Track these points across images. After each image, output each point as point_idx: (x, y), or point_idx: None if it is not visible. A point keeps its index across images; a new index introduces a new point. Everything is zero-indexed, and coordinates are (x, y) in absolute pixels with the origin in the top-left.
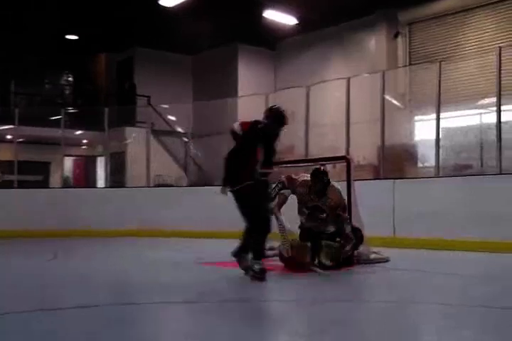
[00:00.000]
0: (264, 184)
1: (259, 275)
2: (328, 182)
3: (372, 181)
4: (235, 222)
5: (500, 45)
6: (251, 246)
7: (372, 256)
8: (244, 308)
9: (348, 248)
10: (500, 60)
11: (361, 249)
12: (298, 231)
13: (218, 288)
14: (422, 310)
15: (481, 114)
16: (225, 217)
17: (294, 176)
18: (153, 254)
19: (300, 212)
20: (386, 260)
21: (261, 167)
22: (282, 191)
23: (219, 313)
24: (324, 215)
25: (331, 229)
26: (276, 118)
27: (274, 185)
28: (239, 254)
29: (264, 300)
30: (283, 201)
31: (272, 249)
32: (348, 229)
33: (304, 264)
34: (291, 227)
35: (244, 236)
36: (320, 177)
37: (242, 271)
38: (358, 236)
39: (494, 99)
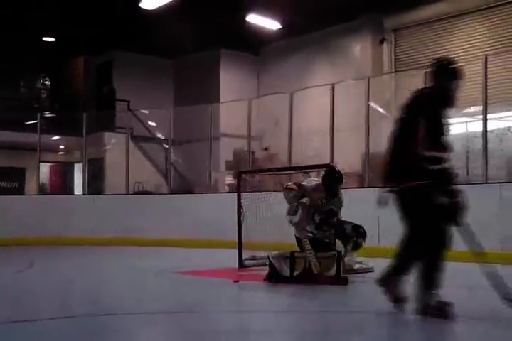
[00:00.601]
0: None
1: (440, 312)
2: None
3: (357, 190)
4: (216, 230)
5: (487, 52)
6: (422, 272)
7: (357, 266)
8: (220, 319)
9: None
10: (486, 68)
11: (346, 259)
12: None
13: (195, 298)
14: (404, 320)
15: (467, 122)
16: (205, 225)
17: (302, 182)
18: (131, 263)
19: (307, 221)
20: (371, 270)
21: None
22: (302, 200)
23: (195, 324)
24: (335, 220)
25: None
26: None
27: (289, 195)
28: (390, 278)
29: (247, 311)
30: (308, 211)
31: (254, 258)
32: (348, 228)
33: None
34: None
35: (400, 254)
36: (338, 178)
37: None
38: (361, 232)
39: (480, 108)
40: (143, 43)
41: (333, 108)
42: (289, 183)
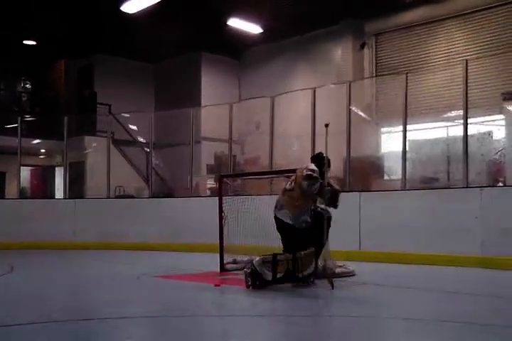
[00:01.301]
0: None
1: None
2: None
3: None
4: (197, 234)
5: (468, 57)
6: None
7: (338, 269)
8: (200, 323)
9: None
10: (467, 72)
11: (327, 262)
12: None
13: (175, 302)
14: (385, 325)
15: (447, 126)
16: (186, 229)
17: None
18: (112, 267)
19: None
20: (352, 274)
21: None
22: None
23: (176, 328)
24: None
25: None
26: None
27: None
28: None
29: (227, 315)
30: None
31: (235, 262)
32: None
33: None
34: None
35: None
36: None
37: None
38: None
39: (461, 112)
40: (124, 47)
41: (314, 112)
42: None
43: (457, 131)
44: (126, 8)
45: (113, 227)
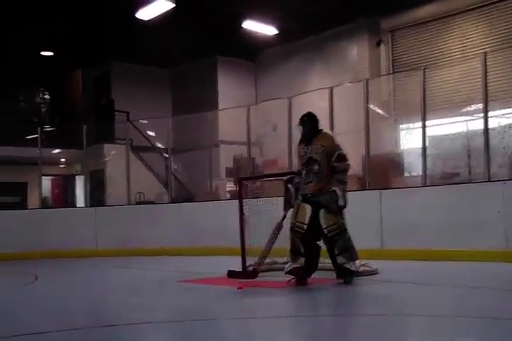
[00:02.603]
0: None
1: None
2: (316, 127)
3: (358, 192)
4: (218, 237)
5: (485, 50)
6: None
7: (361, 268)
8: (224, 326)
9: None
10: (485, 65)
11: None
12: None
13: (198, 306)
14: (412, 322)
15: (467, 121)
16: (207, 233)
17: None
18: (134, 273)
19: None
20: (375, 272)
21: None
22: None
23: (200, 332)
24: (316, 167)
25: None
26: None
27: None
28: None
29: (250, 317)
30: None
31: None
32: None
33: None
34: None
35: None
36: (304, 119)
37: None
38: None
39: (480, 106)
40: (140, 54)
41: (331, 111)
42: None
43: (477, 124)
44: (141, 14)
45: (134, 233)
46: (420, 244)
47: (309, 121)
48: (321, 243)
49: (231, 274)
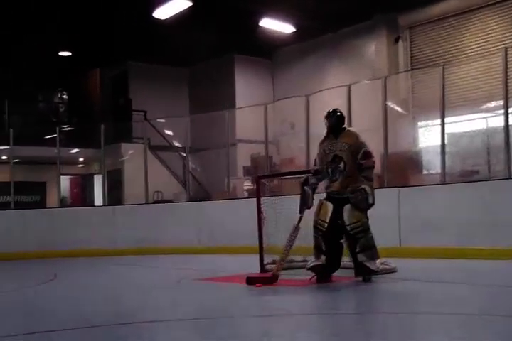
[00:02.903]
0: None
1: None
2: (342, 123)
3: (376, 190)
4: (235, 236)
5: (505, 45)
6: None
7: (380, 266)
8: (244, 324)
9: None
10: (506, 61)
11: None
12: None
13: (217, 304)
14: (433, 320)
15: (486, 117)
16: (225, 231)
17: None
18: (151, 272)
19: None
20: (394, 270)
21: None
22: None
23: (220, 330)
24: (342, 165)
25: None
26: None
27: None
28: None
29: (269, 315)
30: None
31: (275, 263)
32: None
33: None
34: None
35: None
36: (330, 115)
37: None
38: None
39: (501, 102)
40: (156, 53)
41: (349, 109)
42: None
43: (497, 121)
44: (159, 14)
45: (152, 232)
46: (439, 242)
47: (336, 117)
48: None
49: (250, 281)
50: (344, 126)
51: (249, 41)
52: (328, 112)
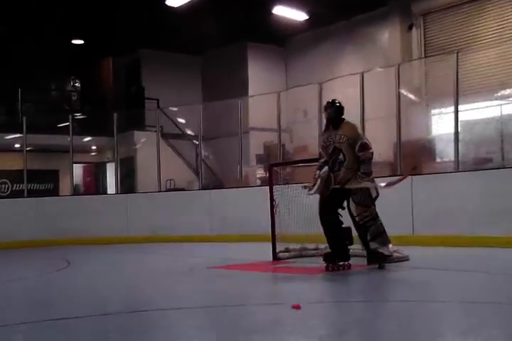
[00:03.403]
0: None
1: None
2: (341, 114)
3: (389, 178)
4: (248, 224)
5: None
6: None
7: (393, 252)
8: (253, 311)
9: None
10: None
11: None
12: None
13: (230, 292)
14: (445, 308)
15: (501, 105)
16: (237, 219)
17: None
18: (164, 260)
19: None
20: (406, 259)
21: None
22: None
23: (233, 317)
24: (341, 157)
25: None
26: None
27: None
28: None
29: (280, 303)
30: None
31: (287, 250)
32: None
33: None
34: None
35: None
36: (329, 105)
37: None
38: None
39: None
40: (169, 41)
41: (363, 97)
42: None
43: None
44: (171, 2)
45: (165, 220)
46: (452, 230)
47: (335, 107)
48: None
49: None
50: (343, 116)
51: (263, 29)
52: (328, 103)
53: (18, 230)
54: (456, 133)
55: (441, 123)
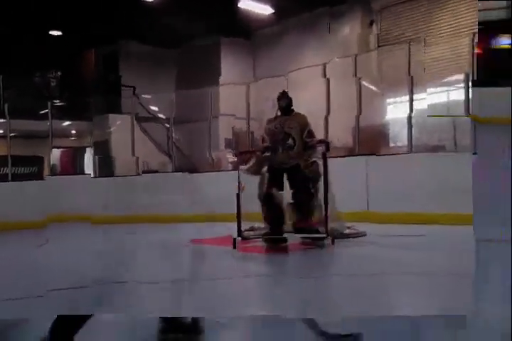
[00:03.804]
0: None
1: None
2: (291, 105)
3: (346, 158)
4: (219, 205)
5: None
6: None
7: (347, 230)
8: (224, 284)
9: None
10: (473, 45)
11: (336, 224)
12: None
13: (198, 266)
14: (397, 281)
15: (448, 91)
16: (209, 201)
17: None
18: (140, 238)
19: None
20: (363, 234)
21: None
22: None
23: (202, 290)
24: (290, 141)
25: (293, 161)
26: None
27: None
28: None
29: (244, 276)
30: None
31: (252, 229)
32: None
33: None
34: None
35: None
36: (284, 96)
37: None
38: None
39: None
40: (145, 33)
41: (328, 87)
42: None
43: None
44: None
45: (139, 201)
46: (405, 208)
47: (287, 98)
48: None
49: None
50: (292, 107)
51: (233, 23)
52: (281, 94)
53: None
54: (409, 118)
55: (395, 111)
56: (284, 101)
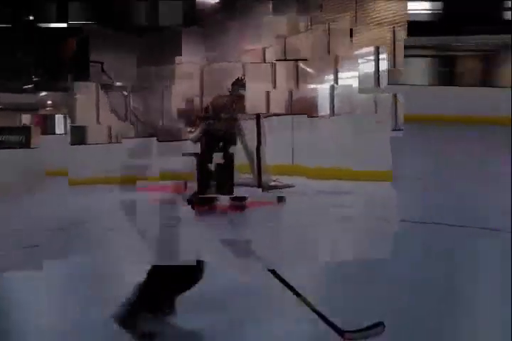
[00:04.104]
0: None
1: None
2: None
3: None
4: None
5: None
6: None
7: (273, 183)
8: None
9: None
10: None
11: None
12: None
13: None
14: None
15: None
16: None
17: None
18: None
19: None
20: (292, 186)
21: None
22: None
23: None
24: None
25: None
26: None
27: None
28: None
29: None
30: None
31: None
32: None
33: None
34: None
35: None
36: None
37: None
38: None
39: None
40: (115, 21)
41: (274, 70)
42: None
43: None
44: None
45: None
46: (329, 164)
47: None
48: None
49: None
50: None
51: (188, 12)
52: (237, 80)
53: None
54: (332, 88)
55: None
56: (238, 88)
